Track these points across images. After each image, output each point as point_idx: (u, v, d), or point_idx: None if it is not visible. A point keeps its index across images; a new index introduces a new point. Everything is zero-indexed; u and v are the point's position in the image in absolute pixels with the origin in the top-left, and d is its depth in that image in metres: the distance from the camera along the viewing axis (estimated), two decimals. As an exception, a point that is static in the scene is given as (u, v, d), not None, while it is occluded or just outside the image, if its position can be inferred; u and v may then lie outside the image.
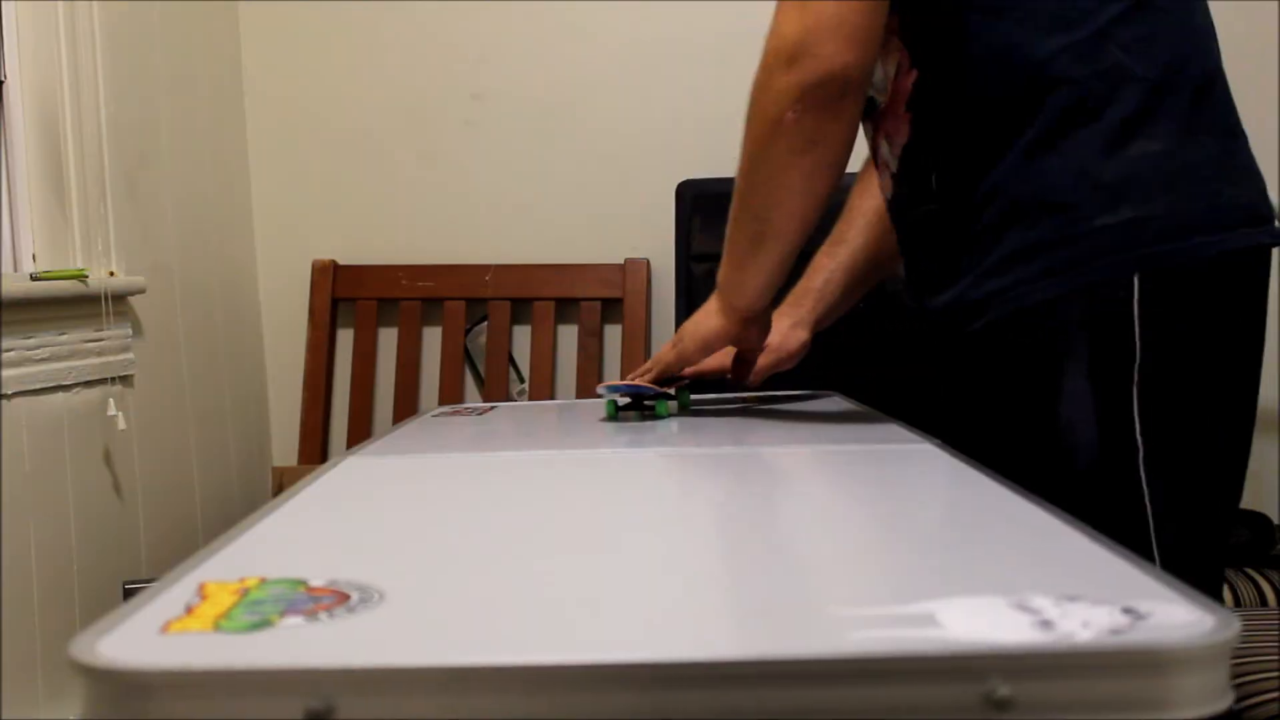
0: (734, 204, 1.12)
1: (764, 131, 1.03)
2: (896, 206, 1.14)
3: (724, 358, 1.32)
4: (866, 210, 1.33)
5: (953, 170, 1.04)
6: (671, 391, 1.31)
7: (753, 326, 1.23)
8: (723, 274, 1.18)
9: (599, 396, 1.33)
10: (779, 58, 1.00)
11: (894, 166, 1.11)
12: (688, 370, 1.30)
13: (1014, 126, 1.00)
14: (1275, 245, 1.01)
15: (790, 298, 1.36)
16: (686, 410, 1.33)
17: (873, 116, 1.11)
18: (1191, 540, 1.00)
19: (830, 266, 1.35)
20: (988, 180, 1.01)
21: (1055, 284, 0.98)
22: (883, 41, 1.03)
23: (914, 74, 1.04)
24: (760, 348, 1.28)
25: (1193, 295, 0.97)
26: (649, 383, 1.28)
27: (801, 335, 1.35)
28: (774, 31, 1.01)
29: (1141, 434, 0.96)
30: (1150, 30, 0.99)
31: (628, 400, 1.32)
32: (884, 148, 1.12)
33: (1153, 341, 0.96)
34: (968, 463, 0.93)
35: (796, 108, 0.99)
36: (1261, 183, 1.02)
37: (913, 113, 1.06)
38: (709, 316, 1.22)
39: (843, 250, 1.35)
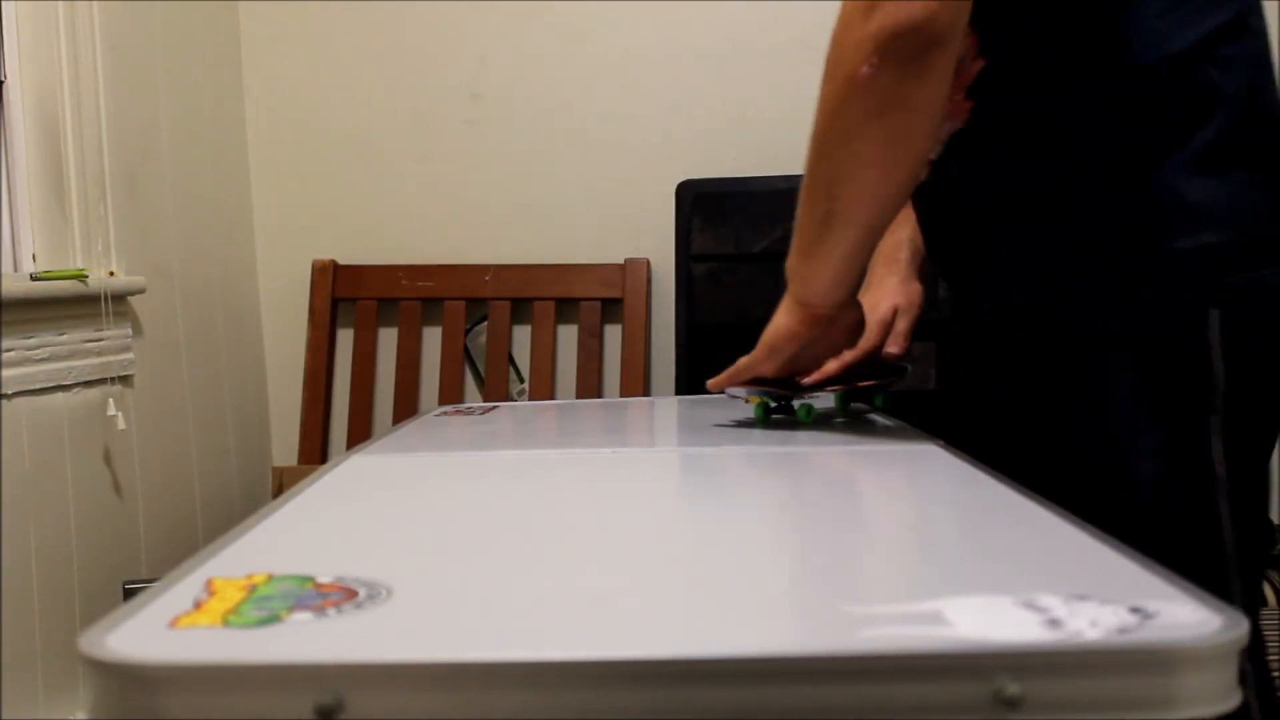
0: (804, 180, 0.99)
1: (837, 91, 0.91)
2: (926, 192, 1.06)
3: (830, 366, 1.15)
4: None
5: (1022, 178, 0.99)
6: (811, 397, 1.19)
7: (830, 326, 1.07)
8: (791, 260, 1.03)
9: (731, 397, 1.20)
10: (855, 4, 0.89)
11: (935, 153, 1.01)
12: (809, 378, 1.15)
13: (1097, 132, 0.94)
14: None
15: (881, 256, 1.22)
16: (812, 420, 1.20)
17: None
18: (1257, 567, 0.99)
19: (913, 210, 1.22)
20: (1060, 192, 0.96)
21: (1127, 303, 0.94)
22: None
23: (980, 62, 0.97)
24: (851, 343, 1.12)
25: (1265, 325, 0.94)
26: (732, 381, 1.15)
27: (916, 285, 1.22)
28: None
29: (1222, 464, 0.93)
30: (1241, 51, 0.95)
31: (777, 404, 1.21)
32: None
33: (1233, 370, 0.92)
34: (973, 464, 0.93)
35: (873, 60, 0.87)
36: None
37: (974, 101, 0.98)
38: (778, 315, 1.08)
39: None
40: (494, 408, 1.46)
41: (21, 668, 1.59)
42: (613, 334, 2.32)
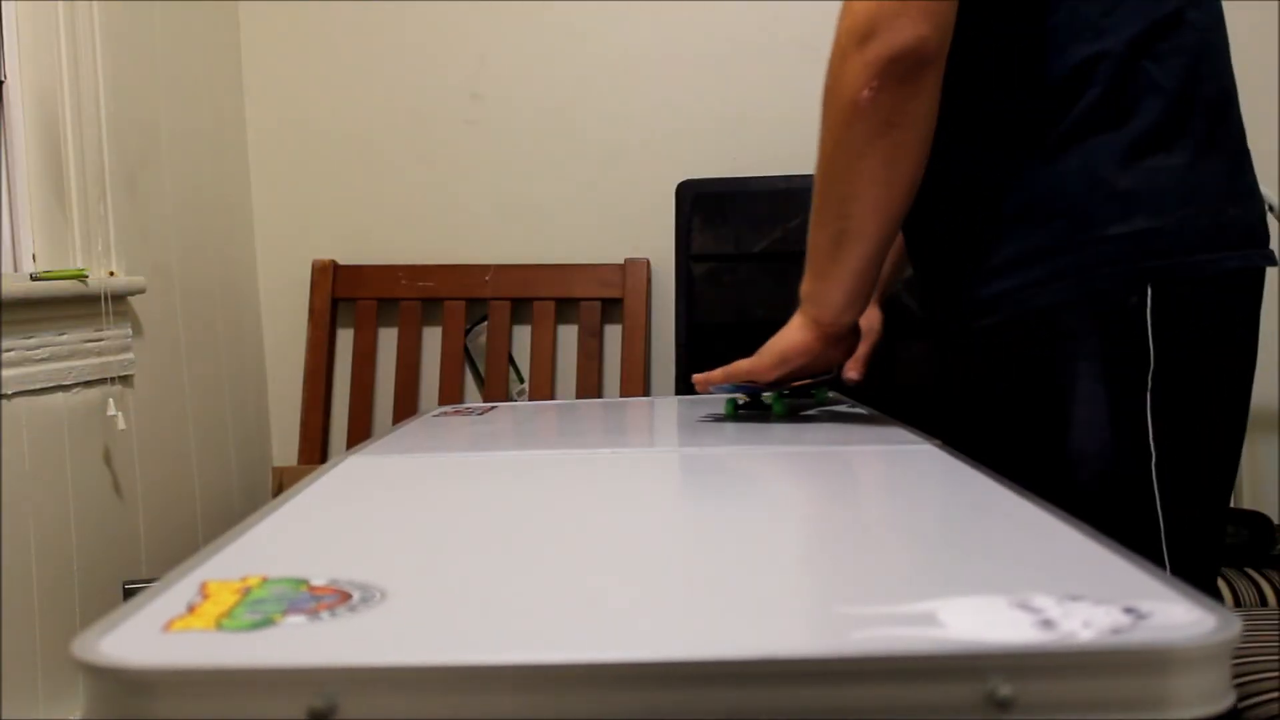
0: (814, 204, 1.05)
1: (840, 116, 0.98)
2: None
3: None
4: None
5: (964, 166, 1.04)
6: (785, 390, 1.23)
7: (838, 344, 1.15)
8: (805, 284, 1.10)
9: (709, 393, 1.25)
10: (852, 36, 0.95)
11: None
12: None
13: (1033, 127, 0.99)
14: (1271, 265, 1.02)
15: None
16: (808, 410, 1.25)
17: None
18: (1196, 544, 1.01)
19: None
20: (998, 177, 1.01)
21: (1063, 289, 0.98)
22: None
23: None
24: (845, 360, 1.20)
25: (1198, 307, 0.98)
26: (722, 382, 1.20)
27: (876, 312, 1.31)
28: (846, 11, 0.97)
29: (1154, 441, 0.97)
30: (1179, 45, 0.99)
31: (746, 400, 1.27)
32: None
33: (1164, 351, 0.96)
34: (968, 463, 0.93)
35: (873, 84, 0.95)
36: (1262, 204, 1.04)
37: None
38: (792, 330, 1.14)
39: None
40: (493, 408, 1.46)
41: (21, 668, 1.60)
42: (613, 334, 2.32)
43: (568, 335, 2.35)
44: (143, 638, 0.53)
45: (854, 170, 1.00)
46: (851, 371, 1.23)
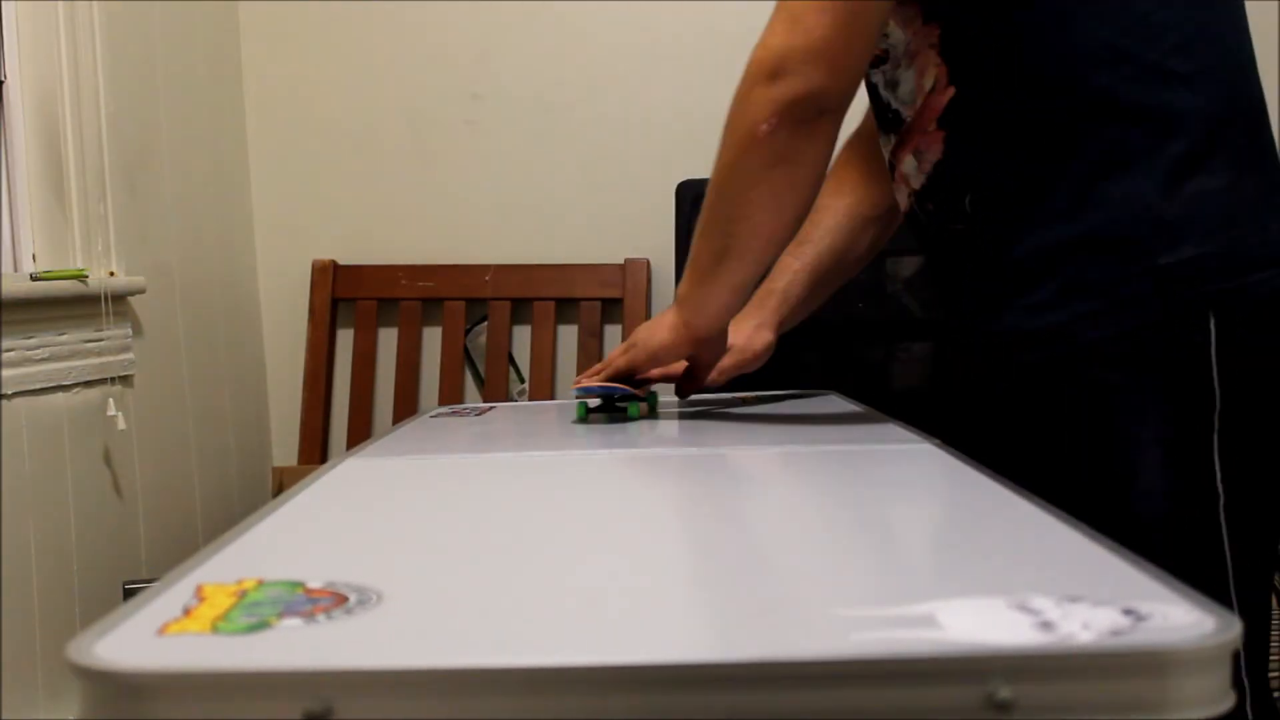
0: (702, 216, 1.10)
1: (738, 142, 1.02)
2: (918, 223, 1.11)
3: (677, 367, 1.28)
4: (835, 210, 1.31)
5: (992, 192, 1.02)
6: (642, 394, 1.28)
7: (708, 347, 1.20)
8: (683, 288, 1.16)
9: (575, 398, 1.31)
10: (761, 70, 0.99)
11: (918, 183, 1.08)
12: (651, 373, 1.27)
13: (1066, 154, 0.97)
14: None
15: (754, 299, 1.31)
16: (654, 414, 1.30)
17: (898, 130, 1.08)
18: (1264, 583, 0.99)
19: (795, 267, 1.31)
20: (1035, 207, 0.99)
21: (1115, 321, 0.95)
22: (914, 55, 1.02)
23: (951, 90, 1.02)
24: (713, 364, 1.25)
25: (1258, 330, 0.95)
26: (602, 382, 1.25)
27: (767, 336, 1.31)
28: (761, 44, 1.00)
29: (1223, 481, 0.94)
30: (1208, 61, 0.97)
31: (598, 402, 1.30)
32: (908, 162, 1.08)
33: (1230, 385, 0.93)
34: (968, 463, 0.93)
35: (771, 121, 0.99)
36: None
37: (946, 130, 1.03)
38: (663, 329, 1.20)
39: (808, 250, 1.31)
40: (491, 408, 1.46)
41: (21, 668, 1.60)
42: (613, 334, 2.32)
43: (568, 335, 2.34)
44: (138, 641, 0.53)
45: (744, 196, 1.05)
46: (717, 379, 1.29)
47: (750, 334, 1.31)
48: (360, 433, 2.33)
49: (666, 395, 1.36)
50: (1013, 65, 0.98)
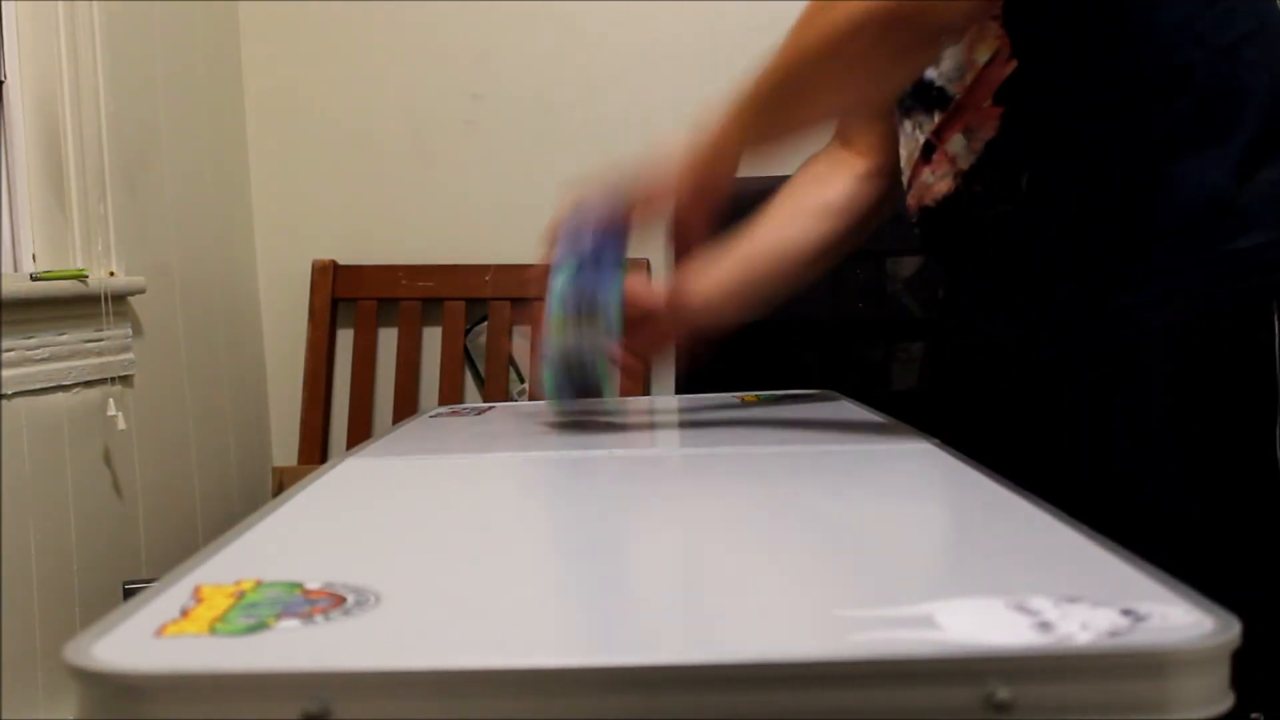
0: (761, 83, 1.02)
1: (815, 50, 0.94)
2: (958, 205, 1.05)
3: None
4: (810, 206, 1.24)
5: (1052, 172, 0.98)
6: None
7: (721, 163, 1.08)
8: (735, 115, 1.05)
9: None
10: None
11: (967, 162, 1.02)
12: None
13: (1134, 135, 0.94)
14: None
15: (740, 258, 1.22)
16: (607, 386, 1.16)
17: (942, 107, 1.02)
18: None
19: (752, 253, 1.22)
20: (1099, 189, 0.96)
21: (1181, 307, 0.93)
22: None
23: (1012, 64, 0.96)
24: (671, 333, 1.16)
25: None
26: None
27: (706, 292, 1.20)
28: None
29: None
30: (1266, 48, 0.95)
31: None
32: (956, 142, 1.02)
33: None
34: (967, 463, 0.93)
35: (866, 38, 0.89)
36: None
37: (1004, 106, 0.98)
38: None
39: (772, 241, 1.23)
40: (490, 408, 1.46)
41: (21, 668, 1.60)
42: (613, 333, 2.32)
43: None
44: (135, 642, 0.53)
45: (808, 97, 0.99)
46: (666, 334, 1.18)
47: (706, 306, 1.20)
48: (360, 433, 2.33)
49: (666, 396, 1.36)
50: (1084, 40, 0.95)
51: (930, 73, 1.02)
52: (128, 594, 0.63)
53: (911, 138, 1.09)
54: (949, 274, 1.14)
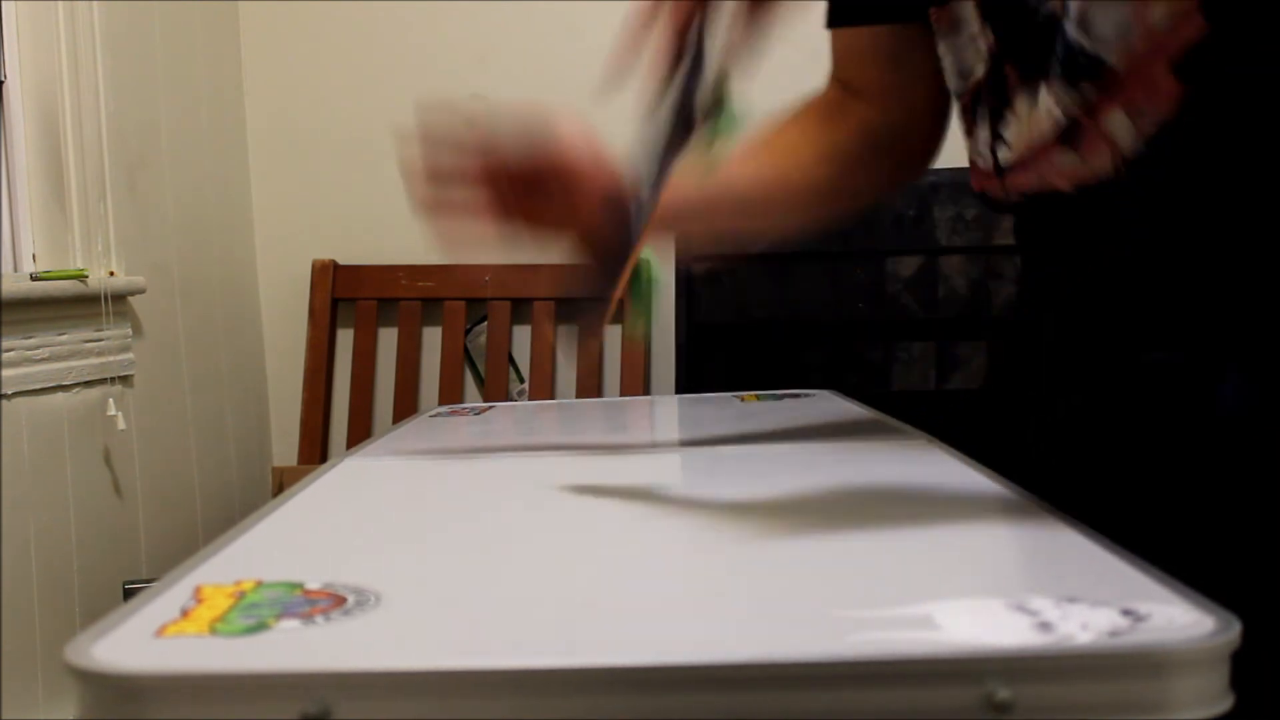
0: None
1: (842, 201, 1.00)
2: (1103, 196, 0.82)
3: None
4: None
5: (1240, 162, 0.76)
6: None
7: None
8: None
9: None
10: (868, 143, 0.94)
11: (1129, 147, 0.79)
12: None
13: None
14: None
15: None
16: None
17: (1094, 79, 0.79)
18: None
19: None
20: None
21: None
22: None
23: (1199, 27, 0.73)
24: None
25: None
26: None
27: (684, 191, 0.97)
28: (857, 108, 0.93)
29: None
30: None
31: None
32: (1116, 119, 0.79)
33: None
34: (967, 462, 0.93)
35: (884, 189, 0.96)
36: None
37: (1185, 81, 0.75)
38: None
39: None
40: (490, 408, 1.45)
41: (21, 668, 1.60)
42: (613, 334, 2.32)
43: (567, 335, 2.34)
44: (135, 643, 0.53)
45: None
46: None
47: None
48: (360, 433, 2.33)
49: (666, 395, 1.36)
50: None
51: (1075, 34, 0.79)
52: (128, 594, 0.63)
53: (1041, 112, 0.84)
54: (1042, 269, 0.95)
